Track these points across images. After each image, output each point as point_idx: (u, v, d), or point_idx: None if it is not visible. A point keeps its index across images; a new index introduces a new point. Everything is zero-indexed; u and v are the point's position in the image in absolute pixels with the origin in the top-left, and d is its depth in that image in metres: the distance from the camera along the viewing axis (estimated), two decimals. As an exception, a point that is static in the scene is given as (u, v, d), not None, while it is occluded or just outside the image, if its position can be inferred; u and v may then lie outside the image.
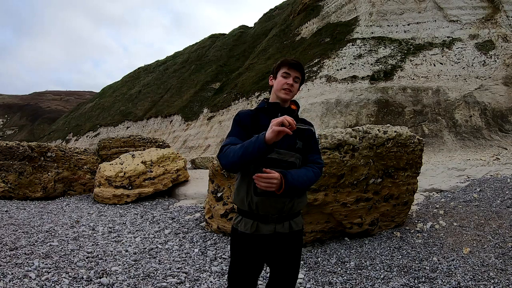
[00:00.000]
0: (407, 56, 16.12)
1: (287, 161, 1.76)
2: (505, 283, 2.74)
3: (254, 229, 1.77)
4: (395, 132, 4.08)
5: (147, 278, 3.07)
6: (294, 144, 1.79)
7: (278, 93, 1.85)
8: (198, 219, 5.40)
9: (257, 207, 1.75)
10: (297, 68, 1.86)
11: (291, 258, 1.85)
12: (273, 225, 1.77)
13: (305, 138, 1.86)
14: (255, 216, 1.77)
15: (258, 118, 1.82)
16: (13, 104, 78.86)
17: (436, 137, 13.14)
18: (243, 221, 1.80)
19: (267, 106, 1.87)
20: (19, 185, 7.33)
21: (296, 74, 1.85)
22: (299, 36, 23.75)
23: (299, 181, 1.69)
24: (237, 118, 1.85)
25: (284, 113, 1.83)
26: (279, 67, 1.90)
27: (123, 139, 10.33)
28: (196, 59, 40.04)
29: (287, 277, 1.87)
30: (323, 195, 3.67)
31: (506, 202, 4.76)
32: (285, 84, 1.83)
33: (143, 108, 36.83)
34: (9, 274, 2.95)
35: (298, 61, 1.88)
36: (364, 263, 3.34)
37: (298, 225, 1.86)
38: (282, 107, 1.86)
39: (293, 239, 1.83)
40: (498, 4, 16.62)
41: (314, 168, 1.81)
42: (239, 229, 1.81)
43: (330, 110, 15.42)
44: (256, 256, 1.81)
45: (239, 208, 1.85)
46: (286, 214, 1.78)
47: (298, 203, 1.82)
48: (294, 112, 1.90)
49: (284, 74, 1.85)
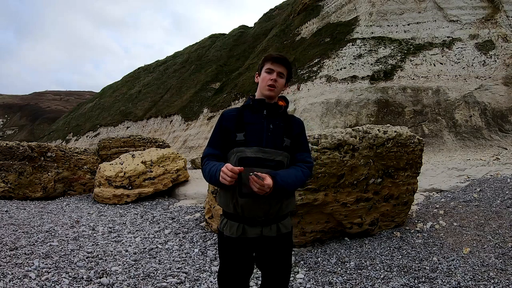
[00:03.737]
0: (407, 56, 16.12)
1: (274, 160, 1.69)
2: (505, 283, 2.74)
3: (240, 233, 1.70)
4: (395, 132, 4.08)
5: (147, 278, 3.07)
6: (281, 142, 1.73)
7: (263, 90, 1.78)
8: (198, 219, 5.40)
9: (243, 209, 1.67)
10: (281, 63, 1.78)
11: (281, 261, 1.79)
12: (259, 227, 1.70)
13: (293, 135, 1.78)
14: (241, 218, 1.70)
15: (242, 116, 1.76)
16: (13, 104, 78.84)
17: (436, 137, 13.13)
18: (228, 224, 1.74)
19: (252, 103, 1.80)
20: (19, 185, 7.32)
21: (280, 70, 1.78)
22: (299, 36, 23.74)
23: (288, 183, 1.63)
24: (219, 120, 1.80)
25: (271, 109, 1.77)
26: (263, 63, 1.83)
27: (123, 139, 10.33)
28: (196, 59, 40.02)
29: (279, 280, 1.82)
30: (323, 195, 3.67)
31: (506, 202, 4.76)
32: (268, 80, 1.76)
33: (143, 108, 36.81)
34: (9, 274, 2.95)
35: (282, 56, 1.80)
36: (364, 263, 3.34)
37: (287, 228, 1.78)
38: (268, 103, 1.79)
39: (281, 242, 1.76)
40: (498, 4, 16.61)
41: (303, 168, 1.74)
42: (225, 233, 1.74)
43: (330, 110, 15.41)
44: (244, 259, 1.76)
45: (224, 210, 1.78)
46: (273, 216, 1.71)
47: (287, 205, 1.75)
48: (281, 108, 1.82)
49: (267, 70, 1.78)
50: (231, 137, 1.72)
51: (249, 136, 1.69)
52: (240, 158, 1.67)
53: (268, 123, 1.74)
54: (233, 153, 1.70)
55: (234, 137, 1.71)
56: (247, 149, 1.67)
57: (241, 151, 1.67)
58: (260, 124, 1.73)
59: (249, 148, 1.68)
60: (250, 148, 1.68)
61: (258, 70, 1.87)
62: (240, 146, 1.68)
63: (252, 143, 1.69)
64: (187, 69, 39.22)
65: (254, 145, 1.68)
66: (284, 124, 1.79)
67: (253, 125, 1.72)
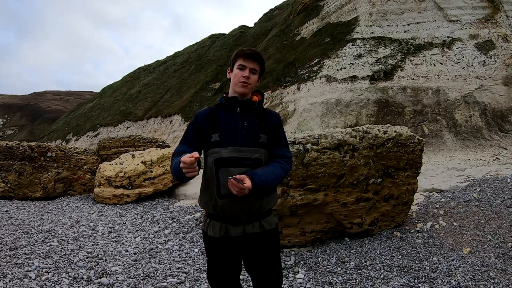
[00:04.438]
0: (407, 56, 16.12)
1: (251, 158, 1.66)
2: (505, 283, 2.74)
3: (223, 232, 1.69)
4: (395, 132, 4.08)
5: (147, 278, 3.07)
6: (257, 139, 1.69)
7: (235, 87, 1.74)
8: (198, 219, 5.40)
9: (223, 209, 1.66)
10: (254, 58, 1.73)
11: (268, 261, 1.75)
12: (242, 226, 1.68)
13: (269, 130, 1.74)
14: (222, 218, 1.69)
15: (217, 116, 1.72)
16: (13, 104, 78.80)
17: (436, 137, 13.14)
18: (211, 224, 1.73)
19: (225, 101, 1.76)
20: (19, 185, 7.32)
21: (253, 66, 1.73)
22: (299, 36, 23.73)
23: (267, 181, 1.61)
24: (193, 120, 1.76)
25: (244, 106, 1.74)
26: (235, 59, 1.78)
27: (123, 139, 10.33)
28: (196, 59, 40.00)
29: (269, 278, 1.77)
30: (323, 195, 3.67)
31: (506, 202, 4.76)
32: (241, 77, 1.72)
33: (143, 108, 36.79)
34: (9, 274, 2.95)
35: (254, 51, 1.76)
36: (364, 263, 3.34)
37: (271, 224, 1.76)
38: (241, 100, 1.74)
39: (266, 239, 1.74)
40: (498, 4, 16.61)
41: (281, 163, 1.71)
42: (209, 233, 1.74)
43: (330, 110, 15.42)
44: (230, 258, 1.74)
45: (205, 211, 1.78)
46: (254, 214, 1.70)
47: (267, 202, 1.73)
48: (255, 104, 1.78)
49: (239, 66, 1.74)
50: (206, 138, 1.71)
51: (224, 136, 1.67)
52: (216, 159, 1.65)
53: (242, 120, 1.71)
54: (209, 154, 1.69)
55: (209, 138, 1.70)
56: (222, 150, 1.65)
57: (217, 152, 1.66)
58: (234, 122, 1.70)
59: (224, 148, 1.66)
60: (226, 148, 1.65)
61: (230, 66, 1.82)
62: (216, 147, 1.67)
63: (227, 143, 1.66)
64: (187, 69, 39.22)
65: (229, 144, 1.66)
66: (259, 119, 1.75)
67: (227, 125, 1.70)
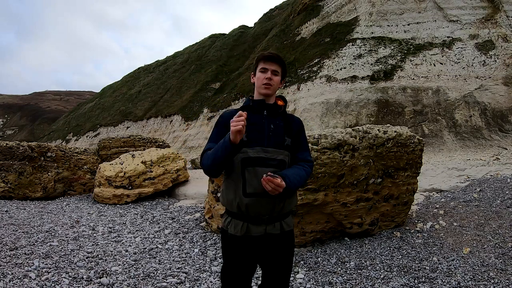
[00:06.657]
0: (407, 56, 16.12)
1: (276, 159, 1.72)
2: (505, 283, 2.74)
3: (245, 231, 1.72)
4: (395, 132, 4.08)
5: (147, 278, 3.07)
6: (283, 141, 1.76)
7: (259, 89, 1.80)
8: (198, 219, 5.40)
9: (247, 208, 1.70)
10: (274, 61, 1.80)
11: (283, 259, 1.82)
12: (263, 226, 1.73)
13: (293, 134, 1.82)
14: (245, 217, 1.72)
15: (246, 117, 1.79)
16: (13, 104, 78.80)
17: (436, 137, 13.14)
18: (232, 223, 1.76)
19: (252, 104, 1.82)
20: (19, 185, 7.32)
21: (274, 67, 1.80)
22: (299, 36, 23.73)
23: (295, 183, 1.67)
24: (220, 120, 1.81)
25: (270, 109, 1.80)
26: (257, 63, 1.85)
27: (123, 139, 10.33)
28: (196, 59, 40.00)
29: (280, 278, 1.83)
30: (323, 195, 3.67)
31: (506, 202, 4.76)
32: (264, 79, 1.78)
33: (143, 108, 36.80)
34: (9, 274, 2.95)
35: (274, 54, 1.82)
36: (364, 263, 3.34)
37: (289, 226, 1.82)
38: (268, 103, 1.81)
39: (284, 239, 1.80)
40: (498, 4, 16.61)
41: (305, 167, 1.78)
42: (229, 231, 1.77)
43: (330, 110, 15.42)
44: (248, 257, 1.78)
45: (227, 209, 1.80)
46: (276, 214, 1.74)
47: (289, 203, 1.79)
48: (281, 108, 1.85)
49: (261, 69, 1.81)
50: None
51: (250, 137, 1.71)
52: (243, 158, 1.69)
53: (269, 123, 1.77)
54: None
55: None
56: (249, 150, 1.70)
57: (244, 152, 1.69)
58: (261, 124, 1.76)
59: (252, 148, 1.70)
60: (253, 148, 1.70)
61: (253, 71, 1.89)
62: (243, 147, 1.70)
63: (254, 143, 1.71)
64: (187, 69, 39.21)
65: (256, 145, 1.71)
66: (284, 123, 1.82)
67: (255, 126, 1.74)
